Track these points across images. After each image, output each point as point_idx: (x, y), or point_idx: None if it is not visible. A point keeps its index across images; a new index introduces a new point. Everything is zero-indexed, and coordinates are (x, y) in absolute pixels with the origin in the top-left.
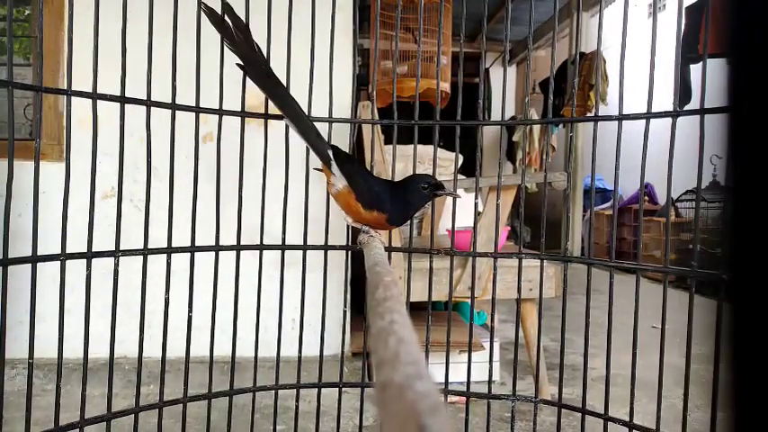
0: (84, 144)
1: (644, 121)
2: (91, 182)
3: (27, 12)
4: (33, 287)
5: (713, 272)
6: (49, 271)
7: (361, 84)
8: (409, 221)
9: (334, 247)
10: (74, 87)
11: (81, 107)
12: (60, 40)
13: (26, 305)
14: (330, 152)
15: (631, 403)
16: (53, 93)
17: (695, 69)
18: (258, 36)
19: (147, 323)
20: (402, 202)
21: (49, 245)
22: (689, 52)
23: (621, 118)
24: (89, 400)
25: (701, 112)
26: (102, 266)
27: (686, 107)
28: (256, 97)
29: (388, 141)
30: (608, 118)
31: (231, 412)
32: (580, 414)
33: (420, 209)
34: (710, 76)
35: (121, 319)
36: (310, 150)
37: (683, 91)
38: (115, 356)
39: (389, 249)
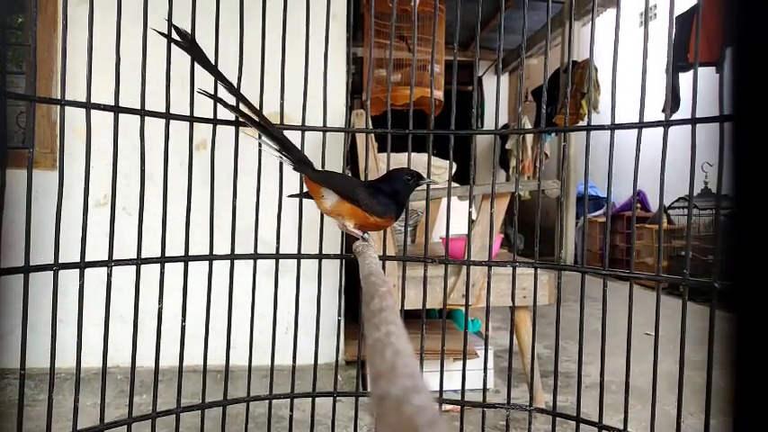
0: (77, 152)
1: (636, 129)
2: (84, 192)
3: (20, 20)
4: (25, 297)
5: (705, 280)
6: (41, 280)
7: (355, 92)
8: (403, 230)
9: (328, 256)
10: (67, 95)
11: (74, 116)
12: (53, 48)
13: (18, 314)
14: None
15: (625, 411)
16: (47, 102)
17: (684, 77)
18: (252, 44)
19: (139, 333)
20: (394, 197)
21: (42, 253)
22: (678, 60)
23: (614, 127)
24: (81, 409)
25: (693, 121)
26: (95, 275)
27: (677, 115)
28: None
29: (381, 149)
30: (600, 127)
31: (225, 423)
32: (574, 422)
33: (407, 199)
34: (700, 84)
35: (114, 328)
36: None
37: (673, 99)
38: (107, 366)
39: (384, 258)
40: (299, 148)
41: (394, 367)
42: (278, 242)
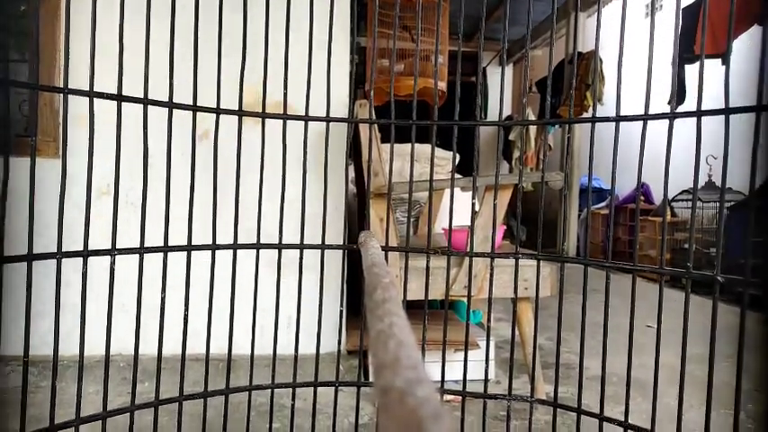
0: (81, 140)
1: (641, 121)
2: (87, 181)
3: (23, 7)
4: (29, 285)
5: (708, 273)
6: (44, 268)
7: (358, 82)
8: (405, 220)
9: (331, 247)
10: (70, 83)
11: (77, 103)
12: (56, 35)
13: (21, 302)
14: None
15: (626, 403)
16: (49, 90)
17: (690, 70)
18: (255, 34)
19: (142, 320)
20: None
21: (45, 240)
22: (684, 53)
23: (619, 119)
24: (83, 396)
25: (698, 114)
26: (99, 264)
27: (683, 108)
28: (254, 94)
29: (385, 140)
30: (605, 119)
31: (227, 411)
32: (575, 413)
33: None
34: (706, 77)
35: (116, 315)
36: (307, 147)
37: (678, 91)
38: (110, 350)
39: (386, 249)
40: (303, 138)
41: (397, 359)
42: (280, 232)
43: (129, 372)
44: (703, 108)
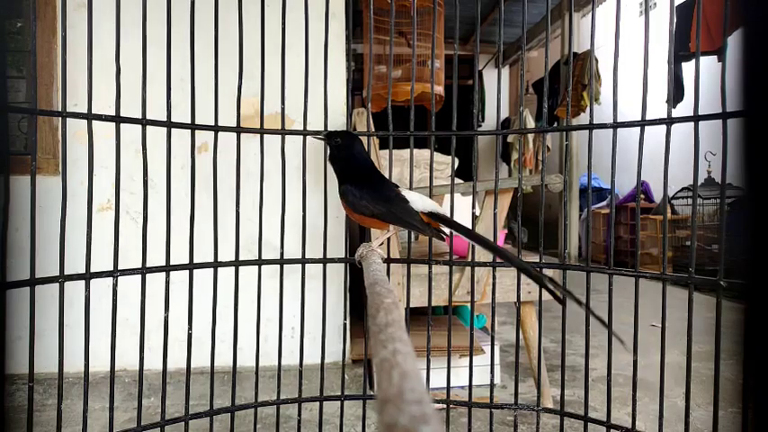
0: (80, 157)
1: (637, 125)
2: (88, 201)
3: (19, 24)
4: (32, 309)
5: (711, 278)
6: (47, 287)
7: (356, 88)
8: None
9: (332, 260)
10: (69, 97)
11: (76, 120)
12: (53, 53)
13: (25, 321)
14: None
15: (633, 410)
16: (48, 115)
17: (687, 67)
18: (252, 44)
19: (146, 335)
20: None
21: (48, 259)
22: (680, 50)
23: (616, 126)
24: (89, 413)
25: (695, 118)
26: (102, 281)
27: (680, 107)
28: (252, 105)
29: (383, 146)
30: (602, 126)
31: (233, 428)
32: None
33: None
34: (702, 73)
35: (120, 332)
36: (307, 161)
37: (675, 89)
38: (115, 369)
39: (388, 261)
40: (301, 152)
41: (401, 392)
42: (282, 248)
43: (134, 387)
44: (702, 104)
